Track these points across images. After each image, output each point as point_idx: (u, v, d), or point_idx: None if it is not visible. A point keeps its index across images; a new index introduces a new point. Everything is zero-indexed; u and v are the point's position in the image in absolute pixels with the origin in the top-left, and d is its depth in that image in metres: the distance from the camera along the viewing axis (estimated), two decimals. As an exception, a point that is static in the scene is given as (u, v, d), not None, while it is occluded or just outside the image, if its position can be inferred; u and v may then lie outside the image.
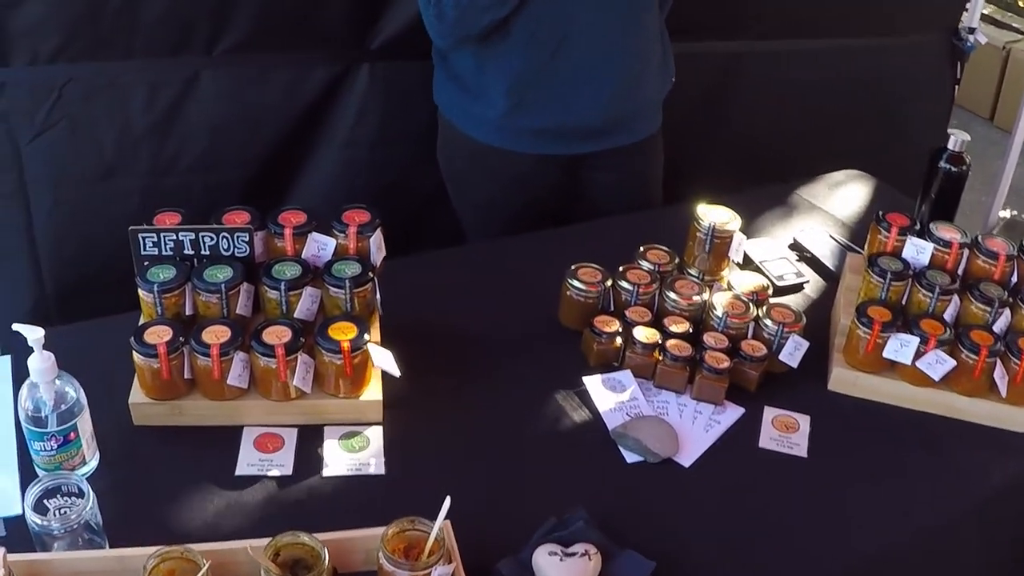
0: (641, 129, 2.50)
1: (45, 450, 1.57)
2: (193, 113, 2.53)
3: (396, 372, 1.74)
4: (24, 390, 1.55)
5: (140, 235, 1.75)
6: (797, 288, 2.27)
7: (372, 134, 2.72)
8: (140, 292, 1.74)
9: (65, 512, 1.42)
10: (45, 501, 1.43)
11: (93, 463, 1.64)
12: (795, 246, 2.41)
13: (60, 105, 2.43)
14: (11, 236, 2.58)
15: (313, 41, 2.53)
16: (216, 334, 1.68)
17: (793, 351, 1.92)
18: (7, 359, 1.88)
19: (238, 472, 1.67)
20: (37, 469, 1.60)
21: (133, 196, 2.58)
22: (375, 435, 1.74)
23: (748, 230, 2.28)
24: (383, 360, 1.72)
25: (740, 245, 2.11)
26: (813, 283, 2.29)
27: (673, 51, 2.53)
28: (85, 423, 1.59)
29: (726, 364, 1.86)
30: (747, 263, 2.24)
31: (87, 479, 1.49)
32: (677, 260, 2.11)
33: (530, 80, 2.29)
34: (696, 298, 1.99)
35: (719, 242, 2.07)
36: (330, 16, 2.53)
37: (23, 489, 1.53)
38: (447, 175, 2.61)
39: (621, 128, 2.44)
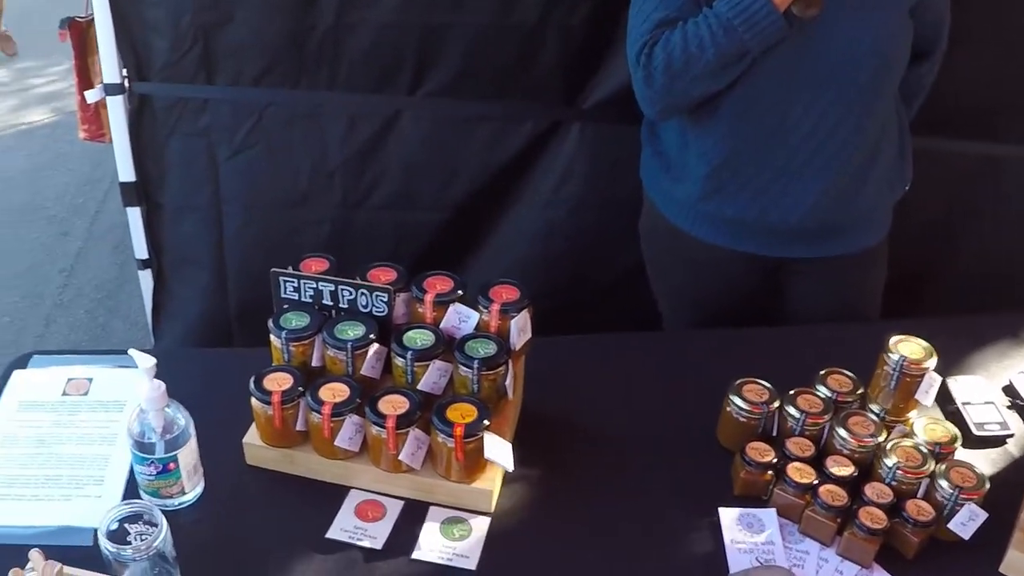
0: (858, 239, 2.29)
1: (146, 474, 1.64)
2: (391, 151, 2.58)
3: (509, 466, 1.70)
4: (134, 414, 1.60)
5: (281, 278, 1.79)
6: (999, 442, 2.04)
7: (575, 197, 2.69)
8: (271, 336, 1.77)
9: (143, 539, 1.46)
10: (126, 526, 1.49)
11: (193, 494, 1.70)
12: (1010, 390, 2.17)
13: (259, 128, 2.54)
14: (202, 247, 2.72)
15: (521, 93, 2.53)
16: (334, 392, 1.69)
17: (966, 521, 1.74)
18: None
19: (329, 534, 1.67)
20: (140, 489, 1.67)
21: (324, 225, 2.67)
22: (479, 526, 1.70)
23: (961, 362, 2.11)
24: (497, 452, 1.68)
25: (932, 387, 1.93)
26: (1019, 437, 2.07)
27: (913, 148, 2.32)
28: (187, 455, 1.64)
29: (882, 525, 1.71)
30: (946, 401, 2.05)
31: (176, 510, 1.59)
32: (860, 391, 1.95)
33: (734, 165, 2.14)
34: (870, 439, 1.83)
35: (908, 380, 1.90)
36: (542, 69, 2.52)
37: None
38: (645, 253, 2.53)
39: (833, 235, 2.24)
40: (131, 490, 1.73)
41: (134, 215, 2.79)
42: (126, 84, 2.63)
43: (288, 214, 2.64)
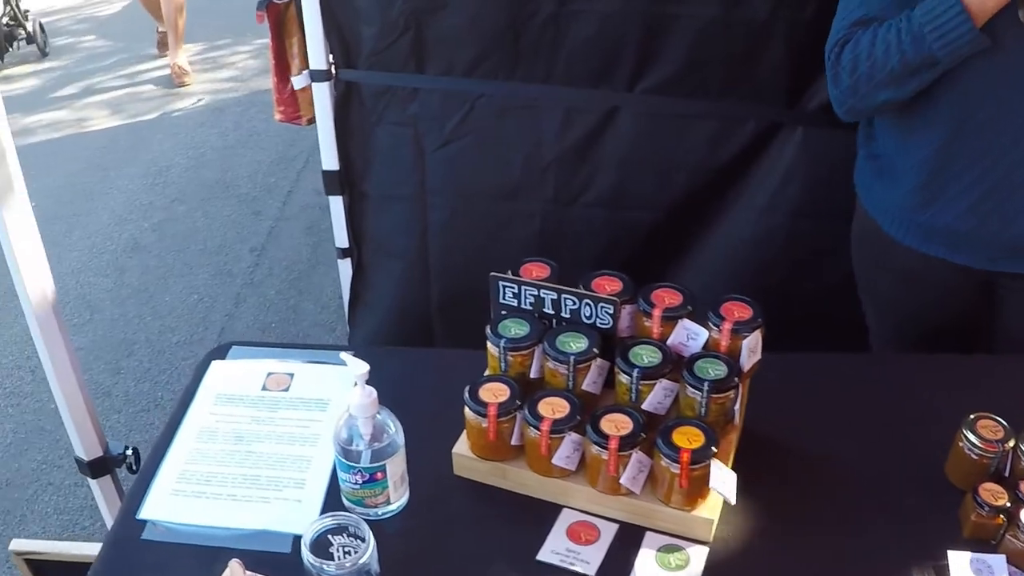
0: None
1: (351, 482, 1.61)
2: (606, 147, 2.52)
3: (732, 499, 1.62)
4: (342, 419, 1.58)
5: (501, 283, 1.74)
6: None
7: (795, 202, 2.58)
8: (488, 343, 1.73)
9: (348, 553, 1.44)
10: (330, 537, 1.47)
11: (398, 504, 1.67)
12: None
13: (470, 119, 2.51)
14: (405, 238, 2.72)
15: (743, 92, 2.44)
16: (554, 408, 1.63)
17: None
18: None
19: (540, 556, 1.61)
20: (343, 496, 1.65)
21: (533, 220, 2.63)
22: (698, 556, 1.62)
23: None
24: (722, 482, 1.60)
25: None
26: None
27: None
28: (396, 465, 1.61)
29: None
30: None
31: (380, 520, 1.56)
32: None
33: (951, 174, 2.00)
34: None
35: None
36: (766, 67, 2.41)
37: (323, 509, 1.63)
38: (855, 259, 2.41)
39: None
40: (331, 494, 1.71)
41: (336, 203, 2.79)
42: (332, 71, 2.62)
43: (497, 207, 2.61)
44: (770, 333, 1.78)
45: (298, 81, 2.71)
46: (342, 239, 2.86)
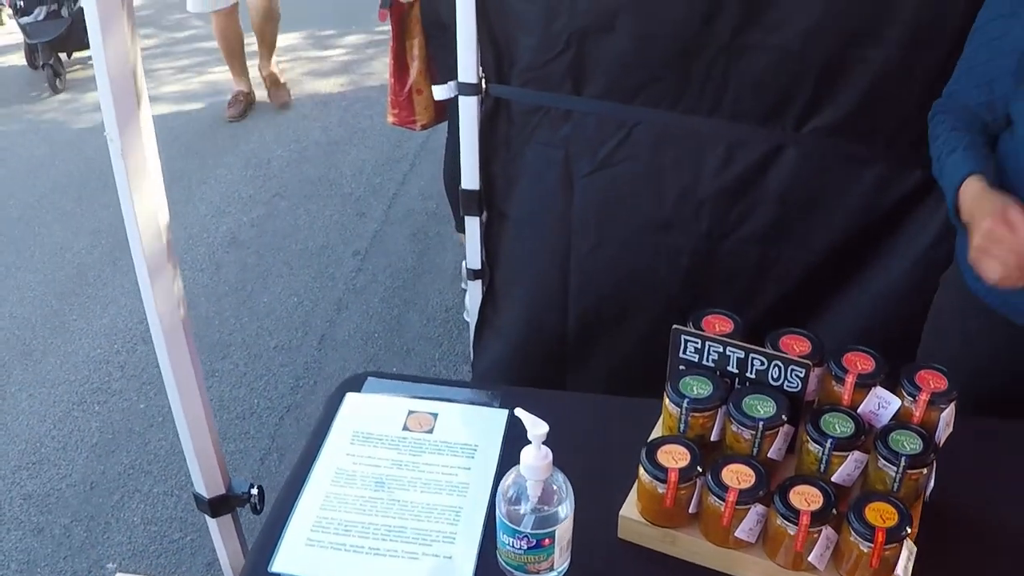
0: None
1: (513, 547, 1.55)
2: (768, 186, 2.49)
3: (909, 577, 1.56)
4: (510, 477, 1.54)
5: (683, 336, 1.70)
6: None
7: (951, 257, 2.51)
8: (667, 400, 1.69)
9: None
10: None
11: (560, 570, 1.62)
12: None
13: (626, 146, 2.48)
14: (545, 264, 2.70)
15: (913, 138, 2.36)
16: (739, 477, 1.58)
17: None
18: (503, 414, 1.92)
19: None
20: (499, 556, 1.60)
21: (683, 256, 2.59)
22: (878, 637, 1.57)
23: None
24: (906, 561, 1.54)
25: None
26: None
27: None
28: (565, 531, 1.57)
29: None
30: None
31: None
32: None
33: None
34: None
35: None
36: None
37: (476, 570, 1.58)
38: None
39: None
40: (483, 551, 1.67)
41: (472, 224, 2.76)
42: (483, 85, 2.59)
43: (646, 239, 2.57)
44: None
45: (440, 92, 2.69)
46: (475, 260, 2.84)
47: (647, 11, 2.34)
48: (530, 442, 1.50)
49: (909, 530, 1.55)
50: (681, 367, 1.73)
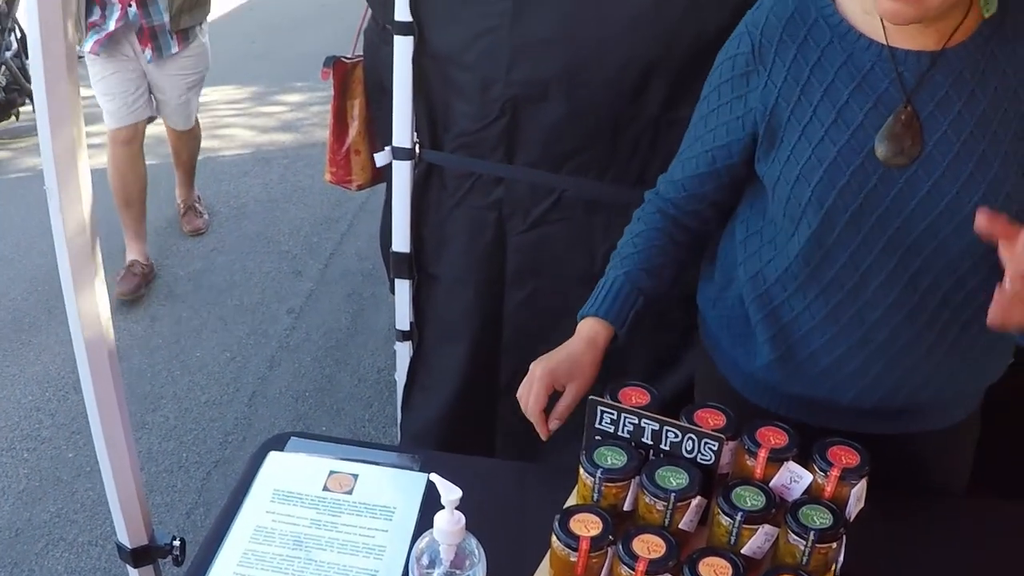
0: (934, 418, 1.96)
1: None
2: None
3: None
4: (423, 540, 1.54)
5: (600, 407, 1.71)
6: None
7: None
8: (581, 470, 1.70)
9: None
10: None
11: (475, 632, 1.61)
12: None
13: (558, 208, 2.57)
14: (477, 320, 2.80)
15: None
16: (649, 546, 1.59)
17: None
18: (423, 477, 1.92)
19: None
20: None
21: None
22: None
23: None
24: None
25: None
26: None
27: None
28: (477, 595, 1.56)
29: None
30: None
31: None
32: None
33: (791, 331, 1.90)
34: None
35: None
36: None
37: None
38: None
39: (916, 414, 1.94)
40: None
41: (402, 285, 2.77)
42: (416, 150, 2.62)
43: (578, 292, 2.58)
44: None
45: (380, 158, 2.70)
46: (403, 322, 2.84)
47: (579, 83, 2.38)
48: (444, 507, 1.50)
49: (814, 605, 1.57)
50: (597, 437, 1.74)
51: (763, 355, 1.94)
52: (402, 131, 2.62)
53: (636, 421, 1.70)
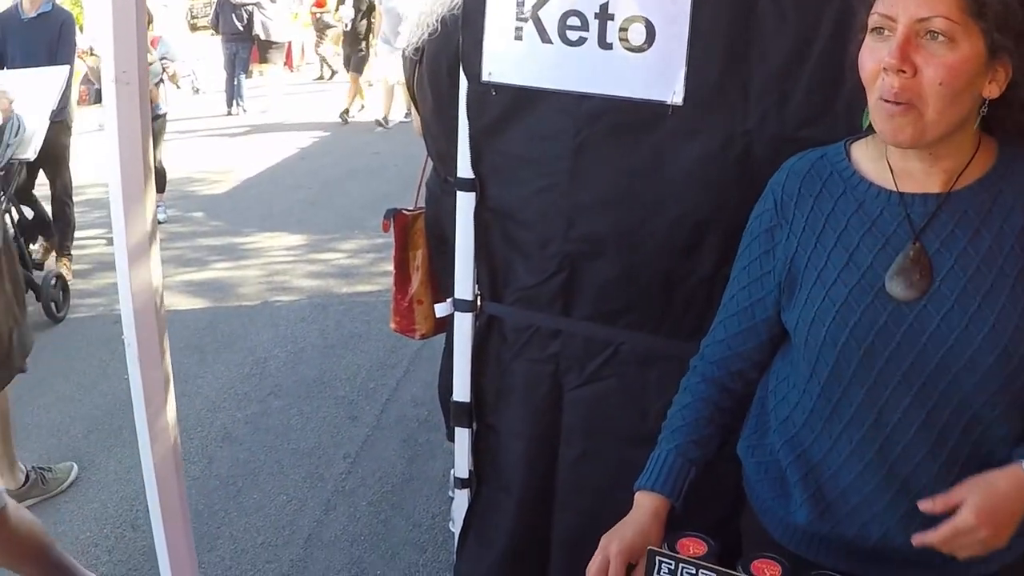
0: (976, 562, 1.81)
1: None
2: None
3: None
4: None
5: (658, 558, 1.75)
6: None
7: None
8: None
9: None
10: None
11: None
12: None
13: (613, 363, 2.61)
14: (531, 475, 2.80)
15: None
16: None
17: None
18: None
19: None
20: None
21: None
22: None
23: None
24: None
25: None
26: None
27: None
28: None
29: None
30: None
31: None
32: None
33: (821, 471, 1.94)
34: None
35: None
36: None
37: None
38: None
39: (936, 562, 1.82)
40: None
41: (462, 434, 2.83)
42: (478, 302, 2.70)
43: (630, 453, 2.62)
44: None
45: (441, 309, 2.79)
46: (463, 470, 2.89)
47: (633, 242, 2.47)
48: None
49: None
50: (657, 586, 1.78)
51: (796, 497, 1.99)
52: (464, 283, 2.71)
53: (694, 571, 1.74)
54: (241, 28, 14.59)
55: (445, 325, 3.49)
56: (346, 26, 14.50)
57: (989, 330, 1.74)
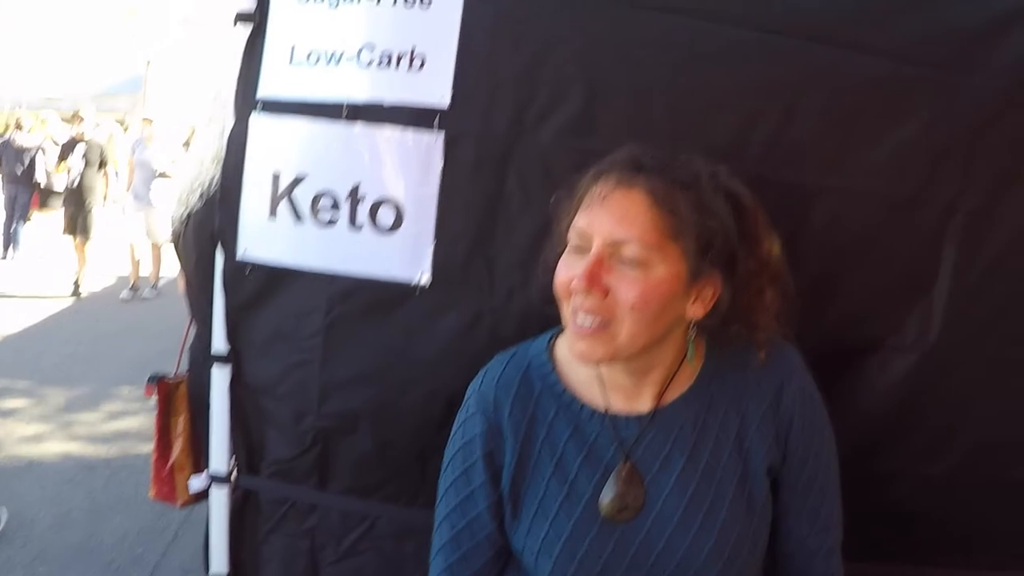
0: None
1: None
2: None
3: None
4: None
5: None
6: None
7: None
8: None
9: None
10: None
11: None
12: None
13: (369, 536, 2.60)
14: None
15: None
16: None
17: None
18: None
19: None
20: None
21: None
22: None
23: None
24: None
25: None
26: None
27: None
28: None
29: None
30: None
31: None
32: None
33: None
34: None
35: None
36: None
37: None
38: None
39: None
40: None
41: (222, 609, 2.77)
42: (234, 474, 2.68)
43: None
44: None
45: (195, 483, 2.75)
46: (222, 648, 2.82)
47: (388, 417, 2.50)
48: None
49: None
50: None
51: None
52: (219, 457, 2.69)
53: None
54: (19, 174, 14.16)
55: (205, 494, 3.43)
56: (73, 182, 12.05)
57: (712, 544, 1.76)
